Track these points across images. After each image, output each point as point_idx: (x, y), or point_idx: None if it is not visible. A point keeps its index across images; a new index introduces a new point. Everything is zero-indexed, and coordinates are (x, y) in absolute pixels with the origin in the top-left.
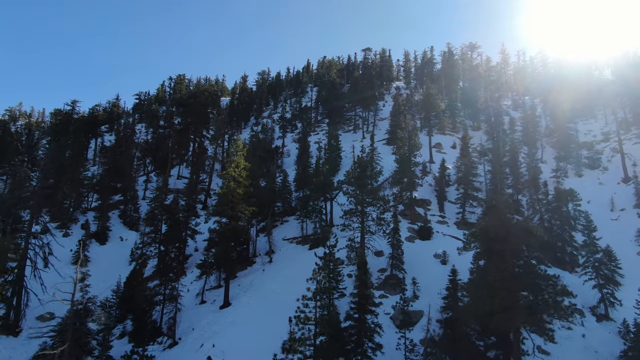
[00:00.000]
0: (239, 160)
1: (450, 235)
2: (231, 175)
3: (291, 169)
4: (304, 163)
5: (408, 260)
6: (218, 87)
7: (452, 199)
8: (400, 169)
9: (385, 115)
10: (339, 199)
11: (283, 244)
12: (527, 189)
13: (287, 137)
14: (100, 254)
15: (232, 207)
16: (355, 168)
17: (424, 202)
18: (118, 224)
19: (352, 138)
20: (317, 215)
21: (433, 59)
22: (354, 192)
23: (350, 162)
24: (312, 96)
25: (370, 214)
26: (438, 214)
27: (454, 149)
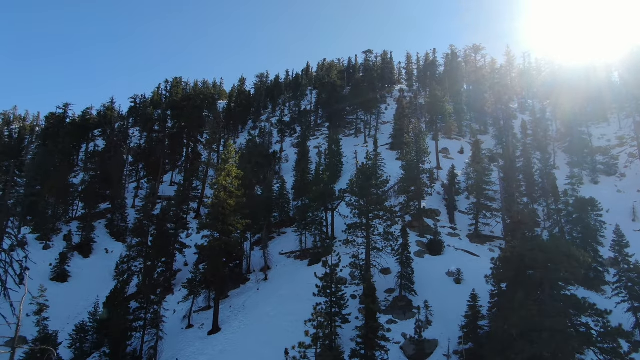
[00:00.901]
0: (231, 168)
1: (463, 250)
2: (222, 185)
3: (289, 176)
4: (303, 169)
5: (418, 279)
6: (216, 91)
7: (463, 209)
8: (407, 177)
9: (388, 119)
10: (341, 209)
11: (280, 258)
12: (543, 197)
13: (285, 142)
14: (83, 268)
15: (222, 221)
16: (359, 176)
17: (433, 212)
18: (104, 235)
19: (353, 142)
20: (317, 227)
21: (436, 61)
22: (357, 203)
23: (352, 168)
24: (312, 99)
25: (376, 227)
26: (448, 226)
27: (462, 154)
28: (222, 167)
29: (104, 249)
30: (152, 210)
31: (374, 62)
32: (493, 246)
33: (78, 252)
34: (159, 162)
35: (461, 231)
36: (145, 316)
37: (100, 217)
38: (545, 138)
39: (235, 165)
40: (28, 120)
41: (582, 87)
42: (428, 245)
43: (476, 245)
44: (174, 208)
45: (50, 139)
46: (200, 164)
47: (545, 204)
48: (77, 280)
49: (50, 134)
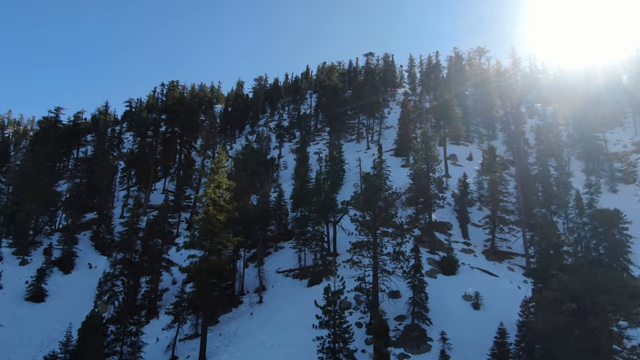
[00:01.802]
0: (221, 179)
1: (480, 269)
2: (210, 198)
3: (288, 184)
4: (303, 177)
5: (431, 303)
6: (213, 94)
7: (476, 221)
8: (416, 187)
9: (391, 123)
10: (344, 221)
11: (277, 277)
12: (562, 208)
13: (284, 147)
14: (63, 285)
15: (211, 239)
16: (364, 189)
17: (444, 225)
18: (88, 248)
19: (355, 148)
20: (317, 242)
21: (439, 64)
22: (363, 219)
23: (354, 176)
24: (312, 103)
25: (384, 245)
26: (462, 241)
27: (470, 160)
28: (212, 177)
29: (87, 263)
30: (138, 223)
31: (375, 65)
32: (512, 264)
33: (58, 268)
34: (149, 169)
35: (476, 247)
36: (121, 349)
37: (85, 229)
38: (558, 144)
39: (226, 175)
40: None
41: (592, 90)
42: (441, 263)
43: (493, 263)
44: (160, 221)
45: (41, 144)
46: (194, 171)
47: (564, 216)
48: (55, 300)
49: (40, 139)
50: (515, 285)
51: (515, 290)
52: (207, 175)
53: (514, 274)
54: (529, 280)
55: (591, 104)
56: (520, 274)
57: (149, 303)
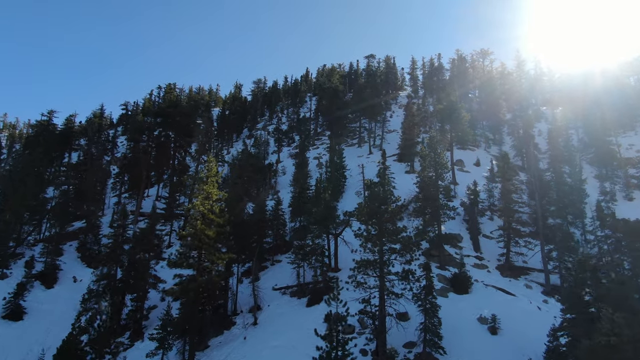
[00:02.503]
0: (211, 190)
1: (495, 287)
2: (199, 211)
3: (286, 191)
4: (302, 184)
5: (443, 327)
6: (211, 97)
7: (488, 233)
8: (424, 196)
9: (394, 127)
10: (346, 233)
11: (273, 295)
12: (579, 219)
13: (283, 152)
14: (44, 301)
15: (199, 256)
16: (368, 200)
17: (454, 237)
18: (73, 260)
19: (356, 153)
20: (317, 257)
21: (442, 67)
22: (368, 234)
23: (356, 183)
24: (312, 106)
25: (391, 263)
26: (473, 255)
27: (478, 166)
28: (201, 188)
29: (71, 277)
30: (124, 235)
31: (376, 67)
32: (530, 281)
33: (40, 282)
34: (141, 175)
35: (489, 261)
36: None
37: (71, 238)
38: (568, 148)
39: (217, 184)
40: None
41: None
42: (452, 280)
43: (509, 279)
44: (147, 234)
45: (32, 148)
46: (187, 177)
47: (581, 226)
48: (34, 318)
49: (31, 143)
50: (535, 306)
51: (535, 312)
52: (196, 185)
53: (532, 292)
54: (549, 299)
55: (601, 107)
56: (538, 292)
57: (134, 323)
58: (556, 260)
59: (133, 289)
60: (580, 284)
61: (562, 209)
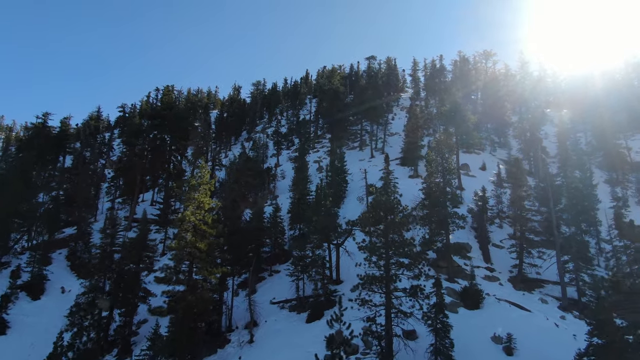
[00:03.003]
0: (203, 199)
1: (508, 302)
2: (189, 222)
3: (285, 196)
4: (302, 190)
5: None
6: (210, 100)
7: (497, 242)
8: (430, 203)
9: (396, 130)
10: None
11: (271, 310)
12: (592, 227)
13: (282, 155)
14: (30, 313)
15: (190, 272)
16: (373, 209)
17: (462, 247)
18: (62, 269)
19: (358, 157)
20: (318, 270)
21: (444, 68)
22: (373, 247)
23: (358, 188)
24: (311, 108)
25: (398, 277)
26: (484, 266)
27: (484, 170)
28: (192, 196)
29: (59, 287)
30: (113, 245)
31: (378, 68)
32: (545, 295)
33: (26, 293)
34: (135, 180)
35: (500, 273)
36: None
37: (61, 246)
38: (577, 152)
39: (210, 192)
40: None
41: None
42: (462, 294)
43: (522, 293)
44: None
45: (26, 151)
46: (183, 182)
47: (594, 234)
48: (18, 332)
49: (25, 146)
50: (552, 323)
51: (553, 329)
52: (187, 193)
53: (548, 307)
54: (566, 314)
55: (608, 109)
56: (555, 307)
57: (122, 339)
58: (572, 272)
59: (122, 303)
60: (614, 307)
61: (577, 217)
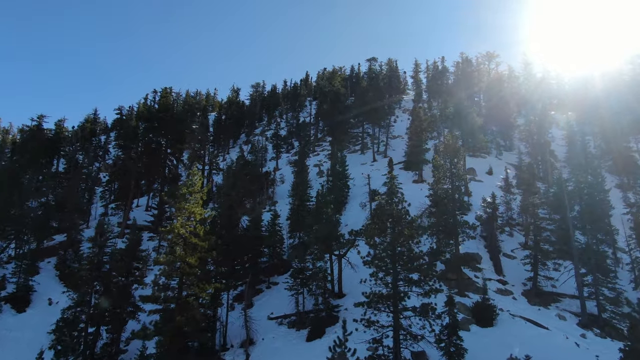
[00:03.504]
0: (194, 209)
1: (524, 318)
2: (179, 235)
3: (285, 202)
4: (301, 196)
5: None
6: (209, 102)
7: (508, 251)
8: (438, 211)
9: (398, 133)
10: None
11: (268, 326)
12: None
13: (281, 159)
14: (14, 327)
15: (179, 289)
16: (379, 219)
17: (471, 258)
18: (51, 279)
19: (359, 160)
20: (319, 284)
21: (447, 69)
22: (379, 261)
23: (361, 193)
24: (311, 111)
25: (407, 294)
26: (495, 278)
27: (490, 175)
28: (182, 206)
29: (47, 299)
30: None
31: (379, 70)
32: (563, 310)
33: (11, 305)
34: (129, 184)
35: (513, 286)
36: None
37: (50, 254)
38: (585, 155)
39: (201, 201)
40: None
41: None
42: (474, 310)
43: (538, 308)
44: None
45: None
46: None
47: (611, 243)
48: (1, 347)
49: (19, 150)
50: (572, 342)
51: (574, 349)
52: (177, 203)
53: (566, 324)
54: (587, 332)
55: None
56: (574, 324)
57: (108, 358)
58: (591, 286)
59: (109, 319)
60: None
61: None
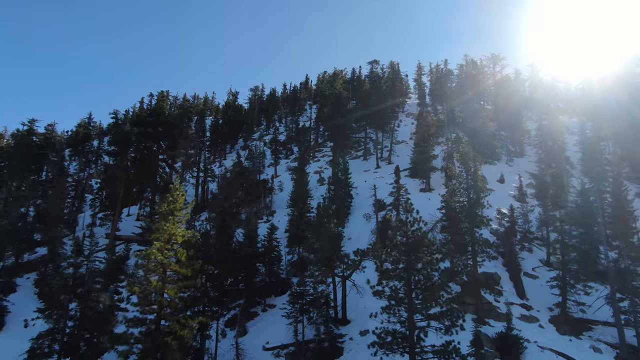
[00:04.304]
0: (175, 230)
1: (554, 351)
2: (157, 261)
3: (283, 212)
4: (301, 207)
5: None
6: (206, 105)
7: (528, 269)
8: (452, 226)
9: (402, 138)
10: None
11: (264, 358)
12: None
13: (280, 165)
14: None
15: (157, 323)
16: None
17: (490, 278)
18: (29, 297)
19: (362, 167)
20: (320, 311)
21: (451, 72)
22: (393, 292)
23: (364, 203)
24: (312, 115)
25: (425, 331)
26: (518, 302)
27: (502, 183)
28: (160, 227)
29: (22, 320)
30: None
31: (381, 73)
32: (597, 340)
33: None
34: (117, 193)
35: (539, 311)
36: None
37: (30, 269)
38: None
39: (184, 220)
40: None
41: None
42: (497, 342)
43: (569, 338)
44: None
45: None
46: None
47: None
48: None
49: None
50: None
51: None
52: (155, 223)
53: (603, 357)
54: None
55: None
56: (611, 357)
57: None
58: (629, 314)
59: (85, 349)
60: None
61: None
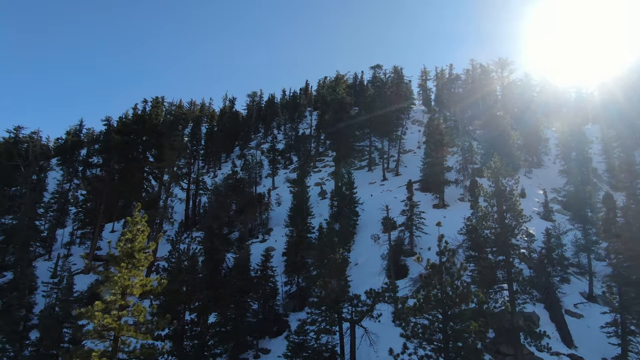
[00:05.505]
0: (130, 281)
1: None
2: (103, 326)
3: (281, 232)
4: (300, 229)
5: None
6: (203, 112)
7: (569, 305)
8: (480, 261)
9: (409, 147)
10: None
11: None
12: None
13: (278, 175)
14: None
15: None
16: (426, 300)
17: (527, 319)
18: None
19: (367, 179)
20: None
21: (459, 77)
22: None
23: (371, 220)
24: (312, 122)
25: None
26: (565, 352)
27: (524, 197)
28: (111, 276)
29: None
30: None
31: (385, 78)
32: None
33: None
34: (98, 209)
35: None
36: None
37: None
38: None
39: (148, 262)
40: None
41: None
42: None
43: None
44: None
45: None
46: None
47: None
48: None
49: None
50: None
51: None
52: (103, 271)
53: None
54: None
55: None
56: None
57: None
58: None
59: None
60: None
61: None
